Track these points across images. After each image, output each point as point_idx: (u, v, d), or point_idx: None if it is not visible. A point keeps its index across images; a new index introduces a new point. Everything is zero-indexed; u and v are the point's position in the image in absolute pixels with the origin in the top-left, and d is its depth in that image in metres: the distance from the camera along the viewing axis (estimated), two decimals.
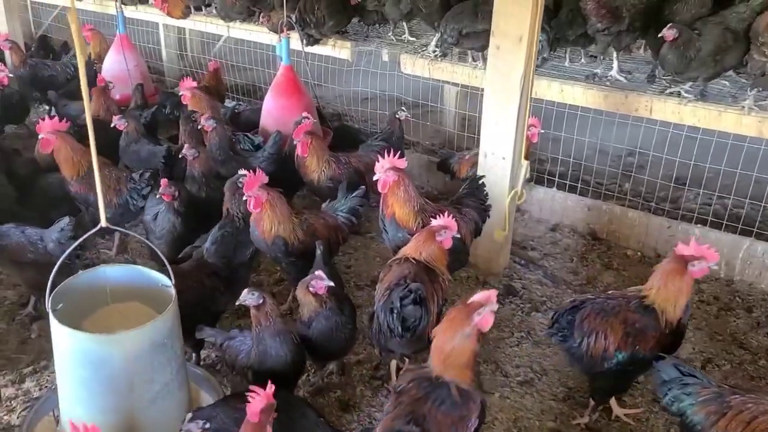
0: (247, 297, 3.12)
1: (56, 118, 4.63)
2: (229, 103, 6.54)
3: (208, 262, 3.81)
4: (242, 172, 4.11)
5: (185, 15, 6.96)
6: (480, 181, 4.20)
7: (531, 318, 4.16)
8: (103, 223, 2.77)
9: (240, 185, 4.04)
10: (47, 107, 6.74)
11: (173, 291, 2.95)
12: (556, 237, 5.05)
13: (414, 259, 3.40)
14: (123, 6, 7.03)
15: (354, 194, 4.10)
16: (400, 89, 6.39)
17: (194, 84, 5.61)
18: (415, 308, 3.20)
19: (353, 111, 7.01)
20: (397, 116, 5.25)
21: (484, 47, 5.05)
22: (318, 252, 3.71)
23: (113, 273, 3.16)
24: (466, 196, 4.10)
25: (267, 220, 3.92)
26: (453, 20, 4.99)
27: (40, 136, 4.52)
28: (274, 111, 5.56)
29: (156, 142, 5.34)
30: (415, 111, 6.53)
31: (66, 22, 9.22)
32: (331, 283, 3.27)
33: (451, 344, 2.57)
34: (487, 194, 4.16)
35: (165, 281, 3.04)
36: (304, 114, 5.03)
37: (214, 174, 4.73)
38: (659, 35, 4.22)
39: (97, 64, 7.25)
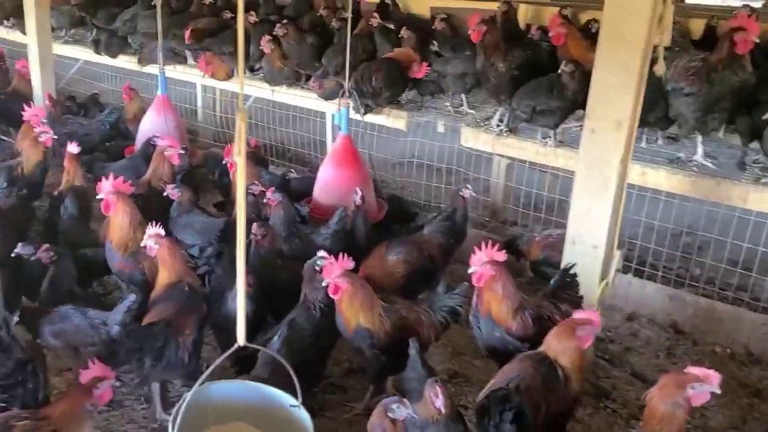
0: None
1: (120, 178, 4.27)
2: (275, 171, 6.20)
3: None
4: (321, 254, 3.75)
5: (229, 77, 6.72)
6: (572, 272, 3.86)
7: (633, 429, 3.76)
8: (241, 341, 2.28)
9: (318, 269, 3.69)
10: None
11: (304, 413, 2.48)
12: (634, 328, 4.71)
13: (540, 356, 3.04)
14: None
15: (455, 291, 3.72)
16: (431, 155, 6.17)
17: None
18: (511, 427, 2.82)
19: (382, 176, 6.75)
20: (461, 194, 4.94)
21: (557, 125, 4.85)
22: (412, 352, 3.34)
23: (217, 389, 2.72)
24: (560, 289, 3.75)
25: (349, 309, 3.55)
26: (527, 96, 4.76)
27: (99, 197, 4.16)
28: (331, 181, 5.24)
29: (208, 212, 4.97)
30: (449, 178, 6.29)
31: (87, 74, 9.00)
32: (413, 415, 2.84)
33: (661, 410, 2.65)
34: (578, 286, 3.82)
35: (290, 401, 2.58)
36: (358, 191, 4.73)
37: (277, 252, 4.36)
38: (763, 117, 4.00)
39: (129, 123, 6.97)
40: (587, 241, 4.01)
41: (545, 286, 4.99)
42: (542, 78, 4.78)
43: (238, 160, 2.01)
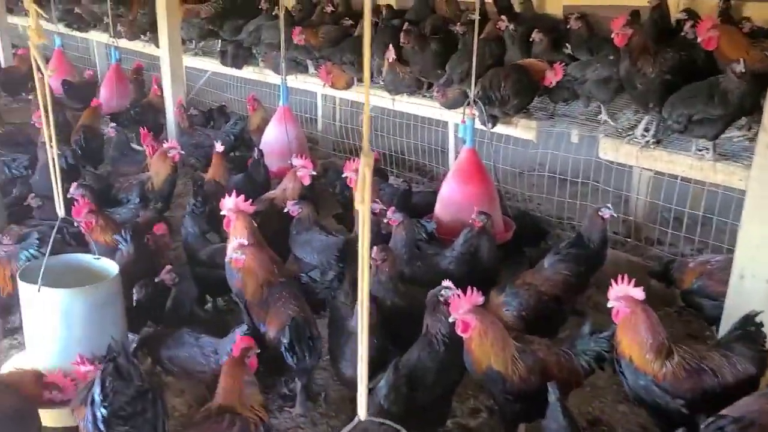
0: None
1: (242, 196, 4.14)
2: (395, 182, 5.90)
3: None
4: (446, 284, 3.39)
5: (349, 86, 6.52)
6: (758, 320, 3.20)
7: None
8: (362, 414, 1.98)
9: (443, 300, 3.34)
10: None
11: None
12: None
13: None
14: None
15: (602, 335, 3.23)
16: (563, 166, 5.60)
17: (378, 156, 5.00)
18: None
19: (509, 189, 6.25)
20: (600, 213, 4.38)
21: (717, 135, 4.18)
22: (552, 398, 2.90)
23: None
24: (738, 340, 3.13)
25: (479, 349, 3.17)
26: (682, 104, 4.13)
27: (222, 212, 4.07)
28: (455, 199, 4.86)
29: (327, 230, 4.76)
30: (573, 189, 5.70)
31: (215, 84, 9.21)
32: None
33: None
34: (765, 337, 3.17)
35: None
36: (482, 212, 4.30)
37: (398, 276, 4.05)
38: None
39: (253, 133, 6.96)
40: (760, 276, 3.38)
41: (697, 318, 4.42)
42: (699, 82, 4.13)
43: (360, 207, 1.69)
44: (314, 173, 5.04)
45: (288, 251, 4.60)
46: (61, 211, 3.31)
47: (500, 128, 5.35)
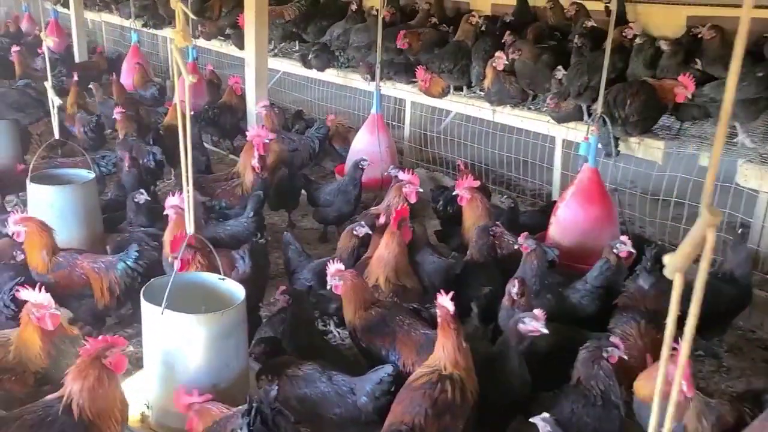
0: None
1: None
2: (500, 200, 5.47)
3: None
4: (615, 341, 2.93)
5: (443, 94, 6.12)
6: None
7: None
8: None
9: (606, 355, 2.90)
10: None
11: None
12: None
13: None
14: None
15: None
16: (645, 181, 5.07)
17: (475, 183, 4.57)
18: None
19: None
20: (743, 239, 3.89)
21: None
22: None
23: None
24: None
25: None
26: None
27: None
28: (576, 220, 4.41)
29: (438, 251, 4.35)
30: (676, 211, 5.14)
31: (285, 85, 8.89)
32: None
33: None
34: None
35: None
36: (624, 240, 3.84)
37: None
38: None
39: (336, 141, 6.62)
40: None
41: None
42: None
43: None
44: (420, 190, 4.64)
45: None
46: (190, 228, 2.98)
47: (621, 147, 4.88)
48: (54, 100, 4.29)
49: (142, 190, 4.82)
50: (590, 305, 3.72)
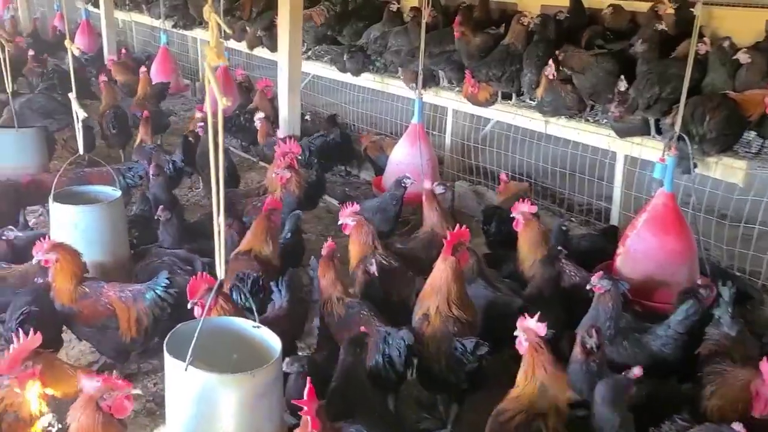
0: None
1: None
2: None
3: None
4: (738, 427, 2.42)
5: (490, 102, 5.62)
6: None
7: None
8: None
9: None
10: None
11: None
12: None
13: None
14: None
15: None
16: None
17: (533, 207, 4.06)
18: None
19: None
20: None
21: None
22: None
23: None
24: None
25: None
26: None
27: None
28: (650, 251, 3.88)
29: (494, 284, 3.86)
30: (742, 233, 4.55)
31: (317, 89, 8.46)
32: None
33: None
34: None
35: None
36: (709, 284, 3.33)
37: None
38: None
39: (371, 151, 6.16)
40: None
41: None
42: None
43: None
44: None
45: None
46: (221, 273, 2.55)
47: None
48: (78, 113, 3.91)
49: (163, 207, 4.42)
50: (673, 353, 3.22)
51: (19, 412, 2.60)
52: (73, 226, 3.92)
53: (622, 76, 4.45)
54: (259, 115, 6.60)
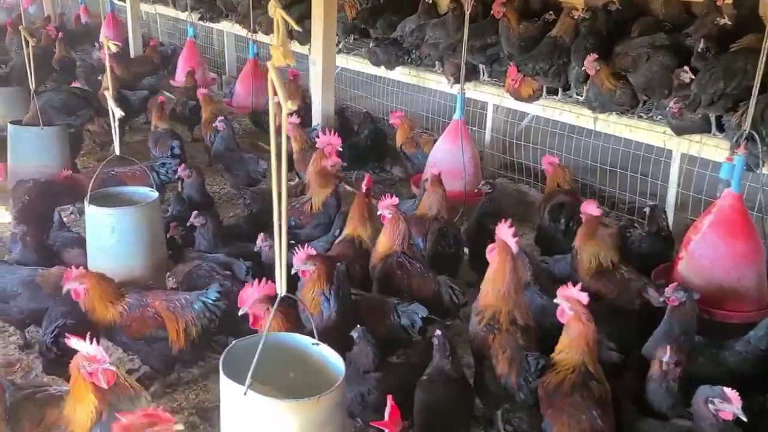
0: None
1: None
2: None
3: None
4: None
5: (534, 97, 5.37)
6: None
7: None
8: None
9: None
10: None
11: None
12: None
13: None
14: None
15: None
16: None
17: (598, 211, 3.79)
18: None
19: None
20: None
21: None
22: None
23: None
24: None
25: None
26: None
27: None
28: (715, 257, 3.64)
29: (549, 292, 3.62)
30: None
31: (346, 82, 8.22)
32: None
33: None
34: None
35: None
36: None
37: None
38: None
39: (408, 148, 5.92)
40: None
41: None
42: None
43: None
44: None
45: None
46: (282, 289, 2.35)
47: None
48: (116, 112, 3.73)
49: (197, 212, 4.21)
50: (752, 370, 3.00)
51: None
52: (110, 229, 3.77)
53: (686, 68, 4.19)
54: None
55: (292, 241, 4.27)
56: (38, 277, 3.65)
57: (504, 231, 3.14)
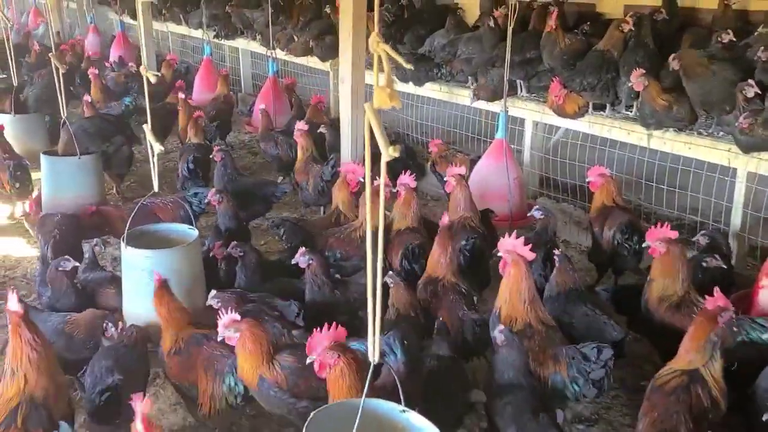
0: None
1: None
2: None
3: None
4: None
5: (579, 114, 5.10)
6: None
7: None
8: None
9: None
10: None
11: None
12: None
13: None
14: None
15: None
16: None
17: (672, 233, 3.48)
18: None
19: None
20: None
21: None
22: None
23: None
24: None
25: None
26: None
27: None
28: None
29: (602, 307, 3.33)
30: None
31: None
32: None
33: None
34: None
35: None
36: None
37: None
38: None
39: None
40: None
41: None
42: None
43: None
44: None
45: None
46: (375, 356, 2.05)
47: None
48: (154, 147, 3.45)
49: (235, 243, 3.92)
50: None
51: None
52: (148, 273, 3.46)
53: (752, 81, 3.93)
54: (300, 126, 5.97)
55: (338, 275, 4.06)
56: (66, 325, 3.37)
57: (508, 242, 3.20)
